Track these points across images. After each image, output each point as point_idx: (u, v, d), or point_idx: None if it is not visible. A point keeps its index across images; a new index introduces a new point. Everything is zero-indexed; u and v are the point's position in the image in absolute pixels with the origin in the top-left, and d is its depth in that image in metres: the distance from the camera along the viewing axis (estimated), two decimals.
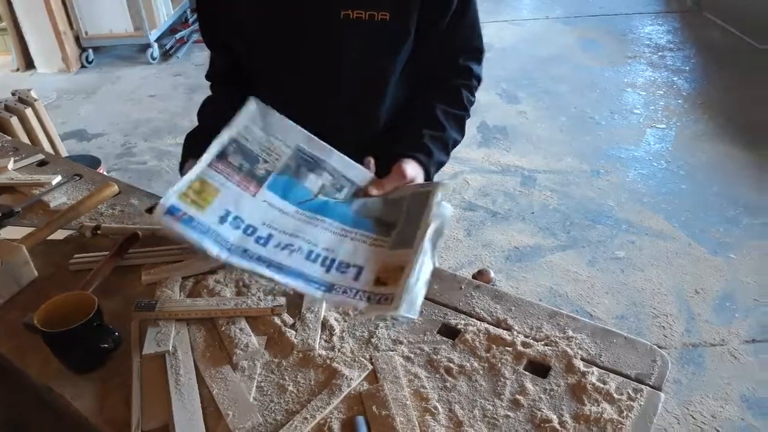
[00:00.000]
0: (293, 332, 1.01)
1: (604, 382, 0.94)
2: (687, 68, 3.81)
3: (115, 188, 1.34)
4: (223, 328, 0.99)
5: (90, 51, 4.66)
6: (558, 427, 0.88)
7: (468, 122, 1.19)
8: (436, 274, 1.16)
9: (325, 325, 1.03)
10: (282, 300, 1.04)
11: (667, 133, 3.14)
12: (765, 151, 2.89)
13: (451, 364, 0.97)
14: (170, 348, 0.95)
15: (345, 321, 1.04)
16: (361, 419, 0.85)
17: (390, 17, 1.03)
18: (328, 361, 0.96)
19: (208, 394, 0.89)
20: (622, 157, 2.95)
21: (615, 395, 0.92)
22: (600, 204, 2.62)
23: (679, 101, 3.43)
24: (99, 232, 1.23)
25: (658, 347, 1.88)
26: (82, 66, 4.61)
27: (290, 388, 0.92)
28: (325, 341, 1.00)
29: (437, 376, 0.95)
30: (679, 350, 1.92)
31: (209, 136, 0.98)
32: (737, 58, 3.87)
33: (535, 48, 4.23)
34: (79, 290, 0.98)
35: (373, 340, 1.00)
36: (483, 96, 3.45)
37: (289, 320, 1.03)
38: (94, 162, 2.62)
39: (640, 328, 1.99)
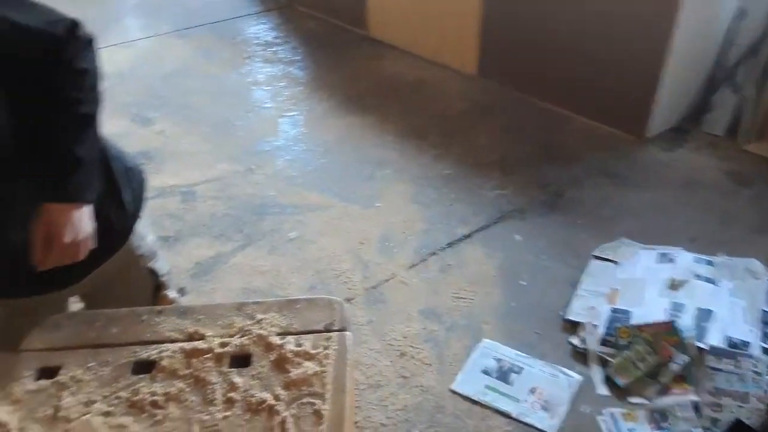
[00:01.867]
0: None
1: (300, 345, 1.04)
2: (297, 58, 4.22)
3: None
4: None
5: None
6: (273, 402, 0.94)
7: None
8: (112, 318, 1.10)
9: None
10: None
11: (298, 118, 3.46)
12: (375, 114, 3.43)
13: (156, 397, 0.94)
14: None
15: (21, 408, 0.91)
16: None
17: None
18: None
19: None
20: (268, 150, 3.15)
21: (312, 351, 1.02)
22: (262, 197, 2.77)
23: (300, 88, 3.79)
24: None
25: (347, 299, 2.11)
26: None
27: None
28: None
29: (144, 415, 0.91)
30: (364, 295, 2.20)
31: None
32: (333, 41, 4.44)
33: (155, 66, 4.15)
34: None
35: (60, 413, 0.91)
36: (114, 125, 3.26)
37: None
38: None
39: (329, 290, 2.20)
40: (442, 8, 3.77)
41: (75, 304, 1.34)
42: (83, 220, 1.04)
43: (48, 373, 0.98)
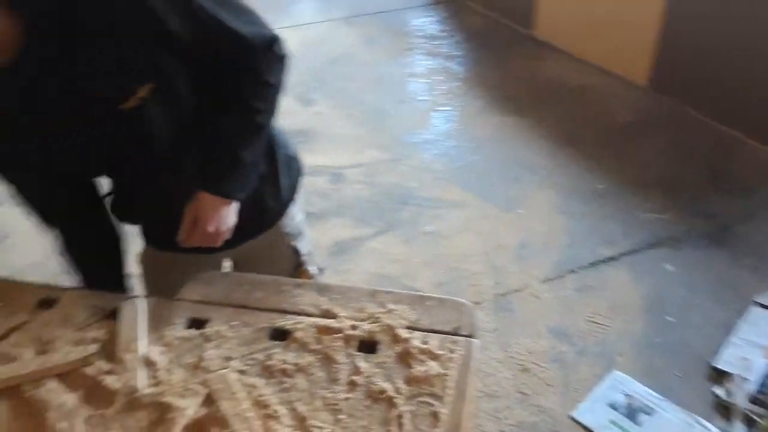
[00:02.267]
0: (113, 378, 0.95)
1: (426, 343, 1.03)
2: (459, 53, 4.21)
3: None
4: (28, 395, 0.89)
5: None
6: (393, 394, 0.94)
7: None
8: (258, 283, 1.17)
9: (149, 362, 0.98)
10: (94, 348, 0.97)
11: (451, 113, 3.46)
12: (530, 116, 3.32)
13: (286, 365, 0.98)
14: None
15: (171, 352, 1.00)
16: None
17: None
18: (157, 398, 0.92)
19: None
20: (416, 142, 3.18)
21: (437, 352, 1.01)
22: (405, 187, 2.81)
23: (457, 84, 3.78)
24: None
25: (475, 302, 2.07)
26: None
27: None
28: (151, 378, 0.95)
29: (274, 380, 0.96)
30: (492, 301, 2.15)
31: None
32: (498, 39, 4.37)
33: (322, 50, 4.36)
34: None
35: (203, 363, 0.98)
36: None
37: (107, 367, 0.97)
38: None
39: (457, 289, 2.18)
40: (618, 14, 3.54)
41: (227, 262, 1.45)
42: (229, 216, 1.12)
43: (197, 323, 1.06)
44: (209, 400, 0.91)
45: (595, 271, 2.26)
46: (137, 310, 1.05)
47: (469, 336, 1.06)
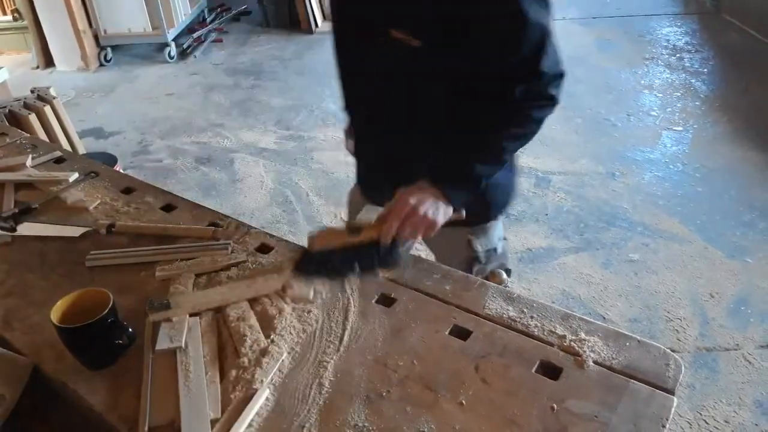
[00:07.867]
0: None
1: None
2: (705, 70, 3.77)
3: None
4: (233, 325, 1.00)
5: (108, 49, 4.71)
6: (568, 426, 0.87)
7: None
8: (449, 275, 1.16)
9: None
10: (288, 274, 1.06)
11: (683, 135, 3.11)
12: None
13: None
14: (182, 344, 0.95)
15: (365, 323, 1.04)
16: None
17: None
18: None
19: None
20: (638, 160, 2.92)
21: None
22: (615, 206, 2.60)
23: (697, 103, 3.39)
24: (114, 229, 1.25)
25: (672, 351, 1.86)
26: (101, 64, 4.66)
27: None
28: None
29: None
30: (692, 354, 1.90)
31: None
32: (756, 60, 3.81)
33: None
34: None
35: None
36: None
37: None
38: (110, 160, 2.65)
39: (653, 331, 1.97)
40: None
41: None
42: (442, 213, 1.08)
43: (385, 301, 1.09)
44: None
45: None
46: None
47: (669, 392, 0.94)
